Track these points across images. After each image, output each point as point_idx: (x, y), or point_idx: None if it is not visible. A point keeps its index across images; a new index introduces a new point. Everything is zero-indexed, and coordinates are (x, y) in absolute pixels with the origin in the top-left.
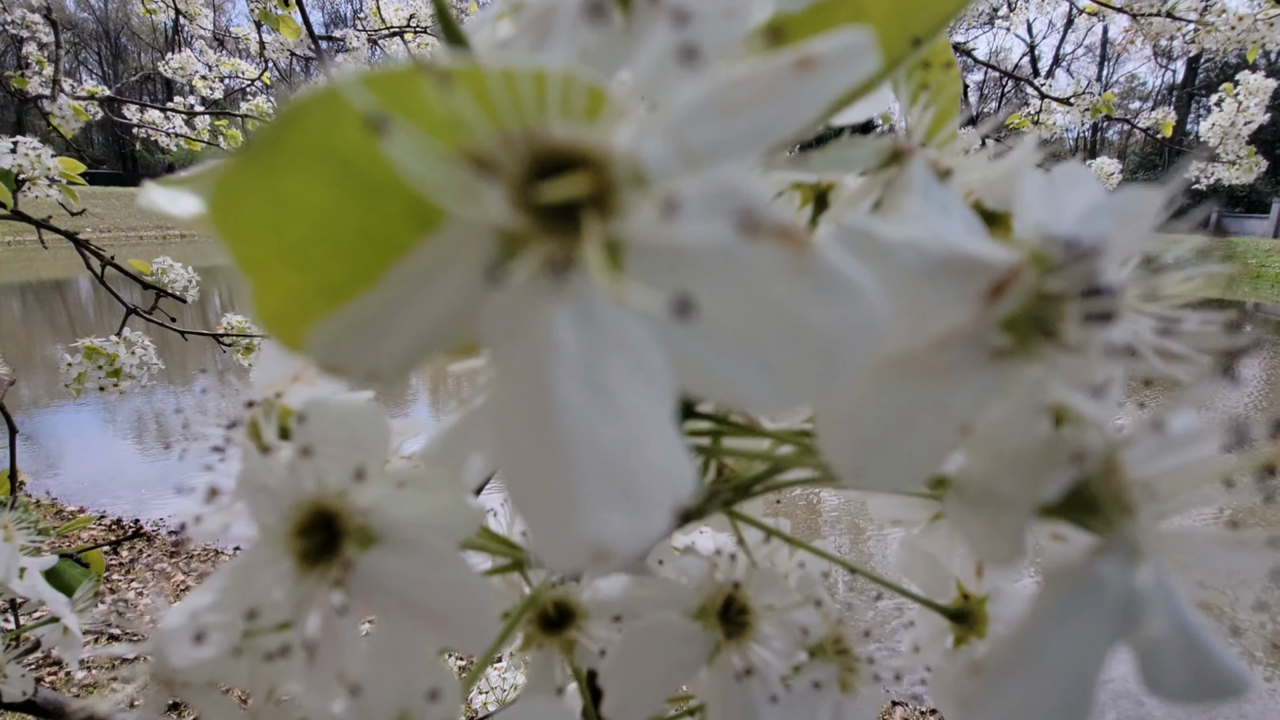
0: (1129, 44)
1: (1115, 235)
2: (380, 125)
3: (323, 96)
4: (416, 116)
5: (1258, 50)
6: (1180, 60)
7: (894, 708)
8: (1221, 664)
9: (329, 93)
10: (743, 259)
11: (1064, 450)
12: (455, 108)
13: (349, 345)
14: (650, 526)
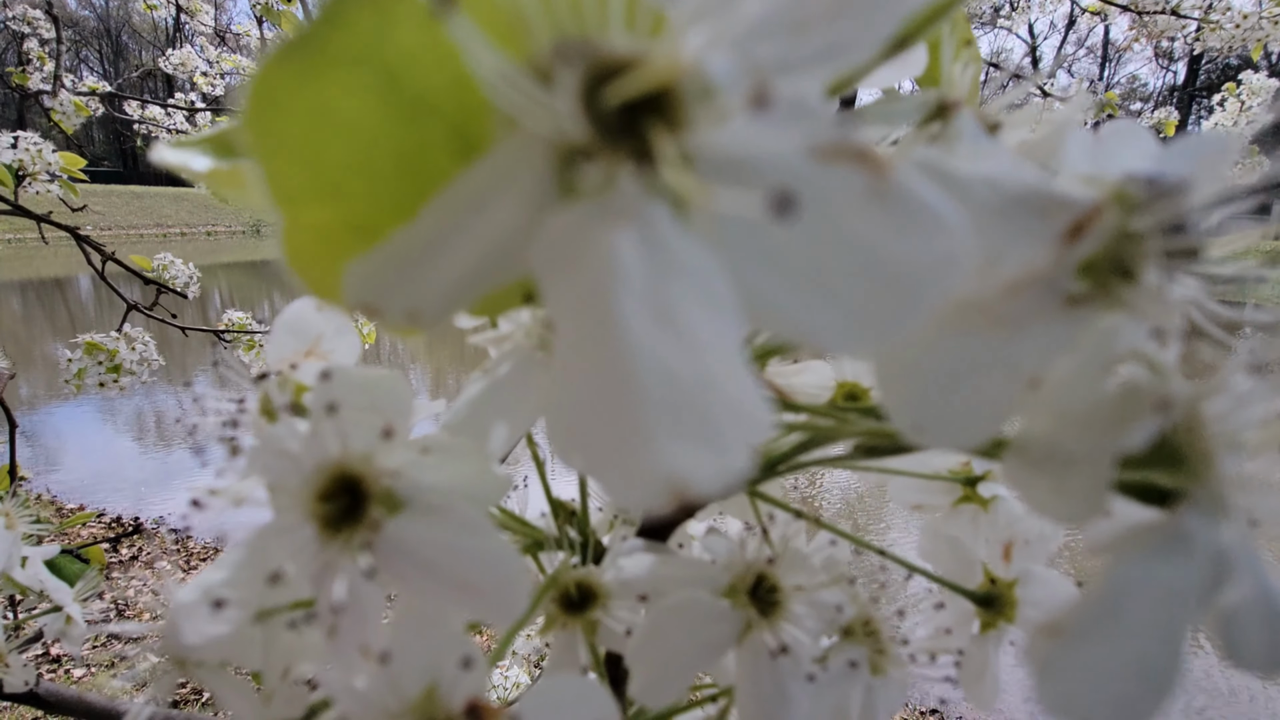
0: (1132, 43)
1: (1198, 175)
2: (445, 7)
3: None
4: (477, 15)
5: (1261, 48)
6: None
7: None
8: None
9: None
10: (817, 183)
11: (1145, 400)
12: (518, 7)
13: (389, 283)
14: (731, 463)
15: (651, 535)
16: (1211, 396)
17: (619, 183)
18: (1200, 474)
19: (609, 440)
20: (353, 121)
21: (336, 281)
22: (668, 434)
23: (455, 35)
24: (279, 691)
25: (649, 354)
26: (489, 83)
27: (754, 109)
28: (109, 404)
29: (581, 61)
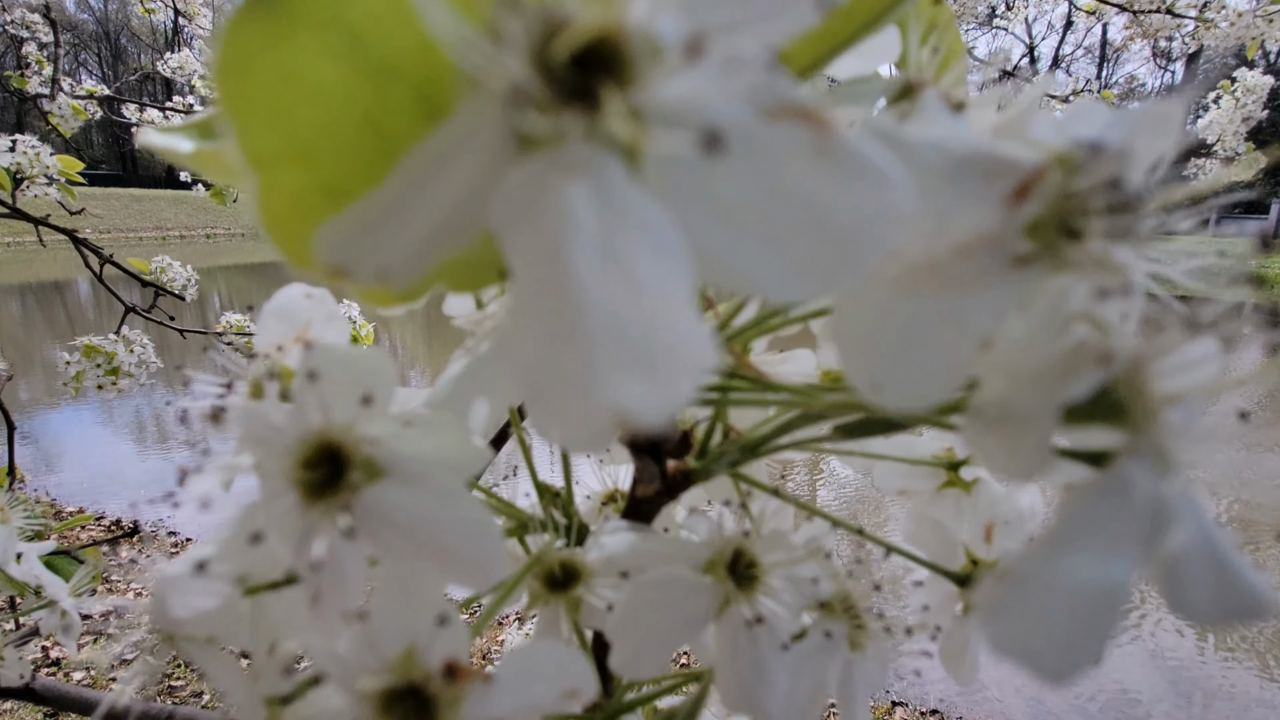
0: (1129, 42)
1: (1138, 140)
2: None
3: None
4: None
5: (1257, 47)
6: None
7: (894, 708)
8: (1247, 583)
9: None
10: (763, 139)
11: (1089, 354)
12: None
13: (357, 243)
14: (672, 395)
15: (636, 517)
16: (1153, 352)
17: (571, 137)
18: (1141, 426)
19: (560, 377)
20: (320, 84)
21: (302, 245)
22: (614, 370)
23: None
24: (267, 667)
25: (598, 298)
26: (447, 43)
27: (690, 59)
28: (108, 406)
29: (533, 21)
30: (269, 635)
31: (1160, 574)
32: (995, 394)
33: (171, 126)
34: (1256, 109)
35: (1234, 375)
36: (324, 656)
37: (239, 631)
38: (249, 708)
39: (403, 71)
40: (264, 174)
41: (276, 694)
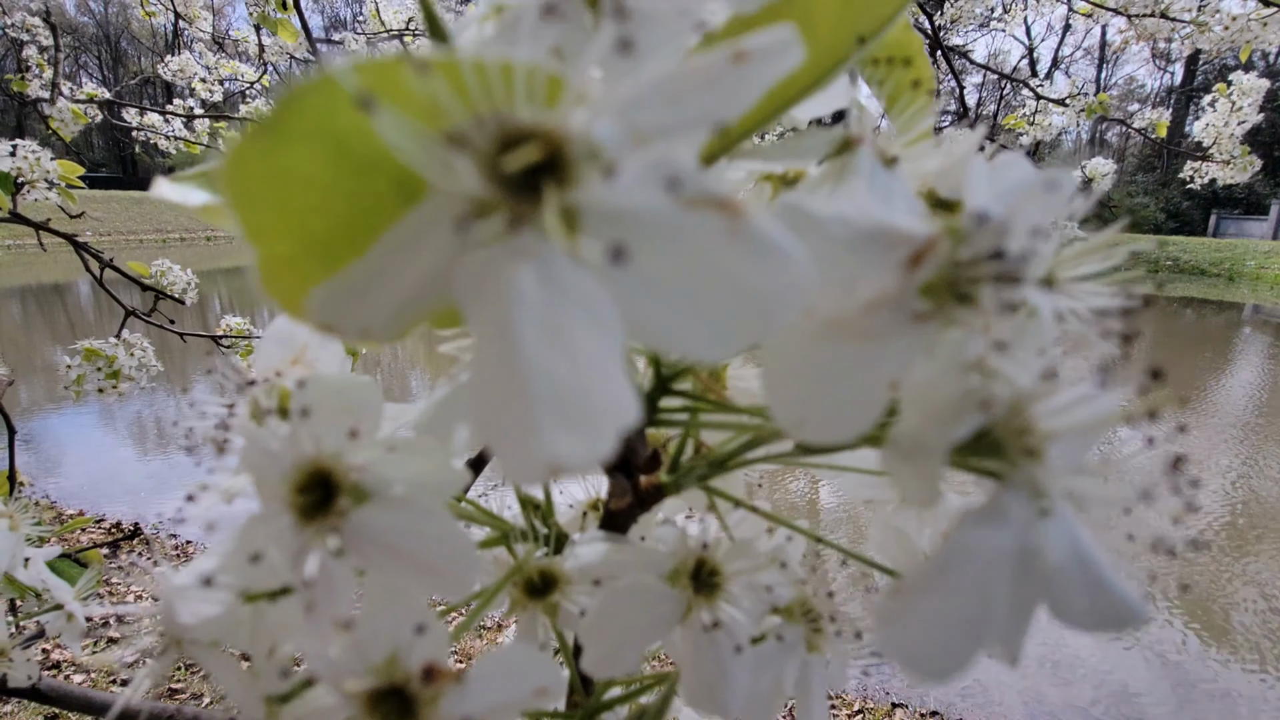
0: (1124, 44)
1: (1022, 210)
2: (368, 104)
3: (320, 83)
4: (401, 100)
5: (1250, 50)
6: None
7: (894, 709)
8: (1120, 596)
9: (325, 79)
10: (684, 225)
11: (973, 399)
12: (433, 92)
13: (343, 306)
14: (597, 447)
15: (611, 528)
16: (1033, 397)
17: (521, 229)
18: (1017, 461)
19: (507, 431)
20: (311, 178)
21: (297, 300)
22: (550, 427)
23: (376, 127)
24: (265, 668)
25: (540, 365)
26: (405, 157)
27: (608, 176)
28: (108, 410)
29: (491, 132)
30: (268, 639)
31: (1043, 588)
32: (907, 429)
33: (182, 176)
34: (1252, 112)
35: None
36: (317, 660)
37: (240, 636)
38: (250, 706)
39: (381, 166)
40: (261, 246)
41: (275, 693)
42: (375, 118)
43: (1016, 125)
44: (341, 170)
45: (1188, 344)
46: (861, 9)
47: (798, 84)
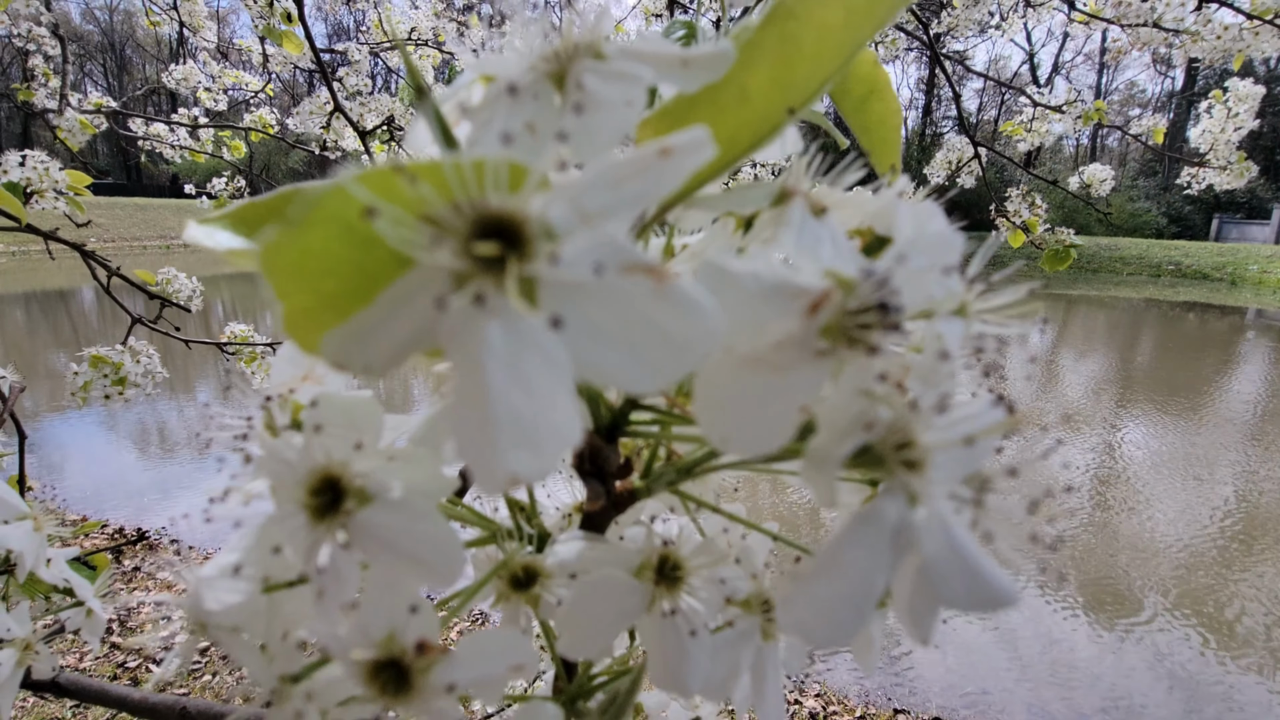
0: (1119, 54)
1: (904, 268)
2: (371, 212)
3: (333, 190)
4: (396, 198)
5: (1243, 59)
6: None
7: (896, 715)
8: (991, 581)
9: (338, 188)
10: (621, 287)
11: (859, 421)
12: (419, 193)
13: (350, 348)
14: (546, 463)
15: (590, 528)
16: (909, 419)
17: (489, 293)
18: (893, 471)
19: (477, 450)
20: (324, 252)
21: (318, 342)
22: (509, 448)
23: (375, 226)
24: (280, 650)
25: (502, 400)
26: (398, 245)
27: (554, 261)
28: (112, 415)
29: (467, 216)
30: (282, 625)
31: (923, 571)
32: (816, 444)
33: (209, 217)
34: (1248, 118)
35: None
36: (327, 637)
37: (257, 623)
38: (266, 684)
39: (379, 241)
40: (286, 302)
41: (288, 673)
42: (376, 220)
43: (1014, 132)
44: (348, 245)
45: (1191, 349)
46: (789, 86)
47: (741, 144)
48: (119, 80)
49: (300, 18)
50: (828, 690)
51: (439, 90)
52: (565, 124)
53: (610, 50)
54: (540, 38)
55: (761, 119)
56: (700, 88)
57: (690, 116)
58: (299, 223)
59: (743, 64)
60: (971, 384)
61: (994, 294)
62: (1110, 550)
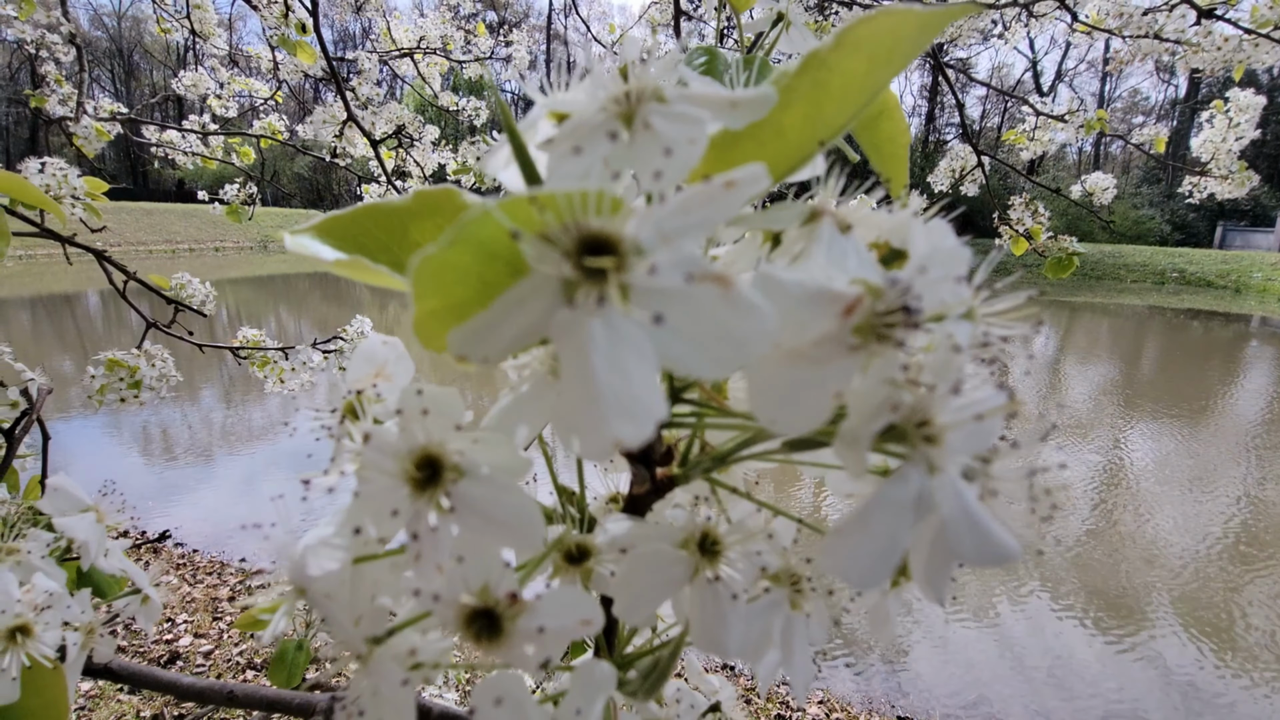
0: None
1: (922, 278)
2: (516, 234)
3: (482, 215)
4: (526, 221)
5: (1243, 69)
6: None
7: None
8: (997, 538)
9: (485, 214)
10: (694, 293)
11: (886, 403)
12: (541, 217)
13: (472, 342)
14: (644, 431)
15: (633, 511)
16: (928, 402)
17: (593, 297)
18: (916, 445)
19: (586, 422)
20: (459, 265)
21: (441, 341)
22: (613, 419)
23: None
24: (367, 614)
25: (605, 382)
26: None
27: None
28: (116, 419)
29: (574, 234)
30: (369, 592)
31: (941, 530)
32: (848, 426)
33: (302, 229)
34: (1249, 128)
35: (997, 407)
36: (426, 592)
37: (344, 590)
38: (355, 644)
39: (501, 255)
40: (419, 304)
41: (373, 635)
42: (519, 240)
43: (1017, 141)
44: (476, 259)
45: (1195, 356)
46: (819, 123)
47: (778, 171)
48: (126, 86)
49: (315, 29)
50: (831, 697)
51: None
52: (639, 157)
53: (672, 95)
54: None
55: (796, 150)
56: (745, 125)
57: (736, 148)
58: (451, 242)
59: (781, 105)
60: (980, 376)
61: (997, 299)
62: (1114, 559)
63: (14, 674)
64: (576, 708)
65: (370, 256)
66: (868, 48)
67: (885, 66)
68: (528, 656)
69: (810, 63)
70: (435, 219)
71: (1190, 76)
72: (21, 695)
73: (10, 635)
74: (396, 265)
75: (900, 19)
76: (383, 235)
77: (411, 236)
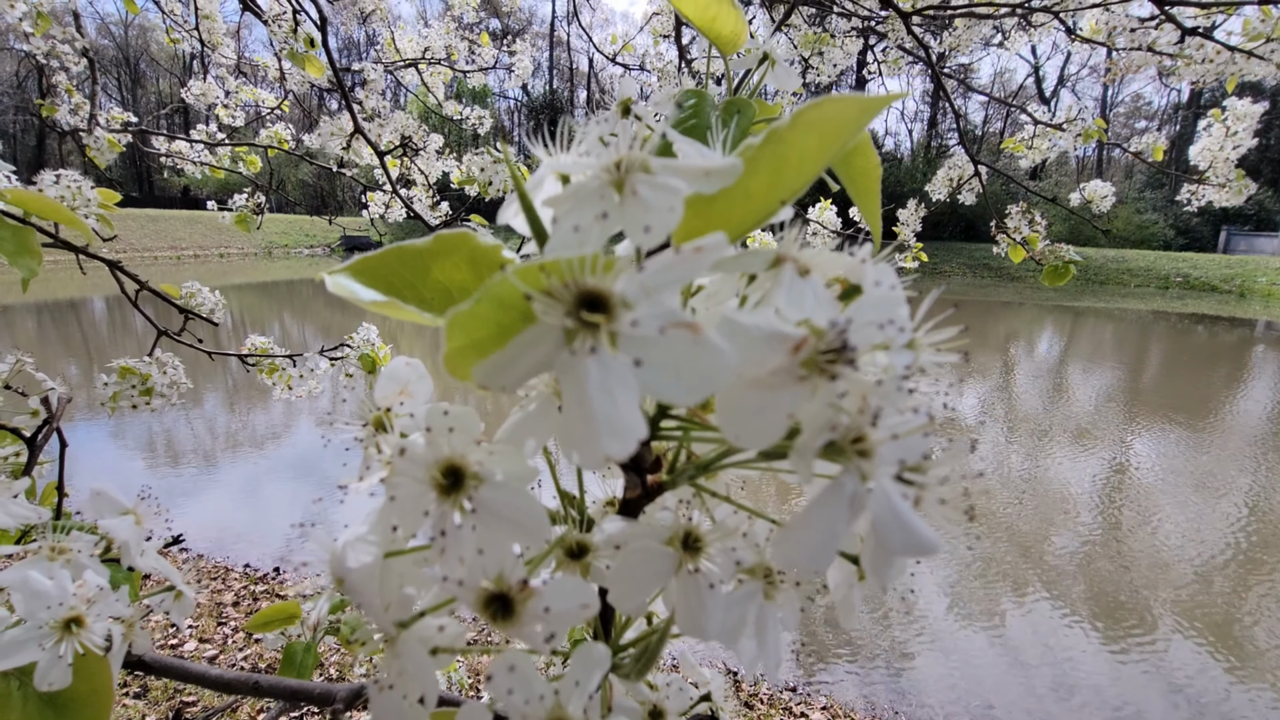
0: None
1: (858, 319)
2: (529, 296)
3: (503, 280)
4: (533, 282)
5: (1236, 81)
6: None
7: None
8: (920, 533)
9: (504, 280)
10: (670, 338)
11: (826, 424)
12: (546, 279)
13: (491, 374)
14: (628, 448)
15: (626, 513)
16: (861, 422)
17: (588, 344)
18: (849, 457)
19: (584, 440)
20: (483, 313)
21: (466, 372)
22: (606, 438)
23: (530, 300)
24: (395, 602)
25: (600, 409)
26: (540, 314)
27: (633, 324)
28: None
29: (573, 290)
30: (397, 583)
31: (872, 528)
32: (799, 441)
33: (335, 270)
34: (1247, 137)
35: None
36: (451, 580)
37: (376, 581)
38: (386, 626)
39: (515, 306)
40: (449, 343)
41: (400, 620)
42: (530, 298)
43: (1016, 149)
44: (495, 308)
45: (1200, 361)
46: (780, 186)
47: (746, 226)
48: (133, 94)
49: (324, 43)
50: (834, 703)
51: (529, 182)
52: (628, 218)
53: (656, 166)
54: (600, 147)
55: (761, 209)
56: (716, 190)
57: (710, 208)
58: (477, 300)
59: (747, 173)
60: (915, 399)
61: (940, 330)
62: (1119, 566)
63: (69, 660)
64: (576, 680)
65: (398, 294)
66: (819, 127)
67: (834, 141)
68: (536, 634)
69: (770, 139)
70: (453, 258)
71: (1190, 84)
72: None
73: (65, 625)
74: (420, 300)
75: (845, 105)
76: (408, 274)
77: (433, 274)
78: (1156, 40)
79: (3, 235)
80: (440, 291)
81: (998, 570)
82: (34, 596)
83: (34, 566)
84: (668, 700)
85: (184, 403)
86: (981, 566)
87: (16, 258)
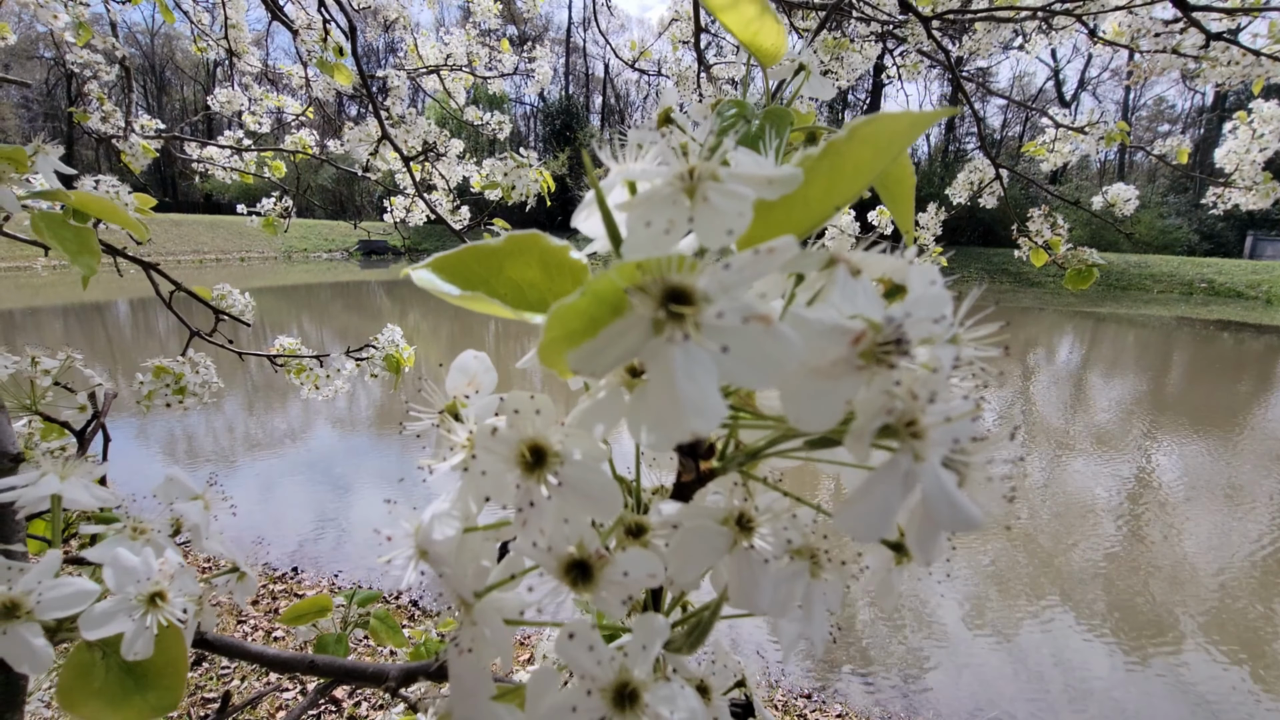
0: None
1: (913, 315)
2: (629, 290)
3: (603, 276)
4: (630, 277)
5: (1262, 84)
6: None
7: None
8: (966, 509)
9: (606, 277)
10: (747, 329)
11: (882, 409)
12: (640, 275)
13: (584, 362)
14: (712, 424)
15: (679, 497)
16: (914, 407)
17: (677, 332)
18: (904, 439)
19: (671, 419)
20: (580, 307)
21: (559, 361)
22: (691, 417)
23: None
24: (472, 572)
25: (685, 392)
26: (633, 306)
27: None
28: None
29: (661, 286)
30: (473, 556)
31: (922, 503)
32: (855, 426)
33: (419, 265)
34: (1274, 139)
35: (965, 412)
36: (540, 547)
37: (452, 557)
38: (464, 596)
39: (607, 299)
40: (546, 334)
41: (477, 589)
42: (629, 293)
43: (1037, 152)
44: (590, 302)
45: (1226, 368)
46: (836, 194)
47: (804, 229)
48: (159, 101)
49: (353, 52)
50: (850, 710)
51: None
52: (701, 224)
53: (724, 175)
54: (673, 156)
55: (818, 214)
56: (778, 197)
57: (772, 214)
58: (584, 293)
59: (806, 182)
60: (966, 385)
61: (979, 327)
62: (1140, 577)
63: (155, 632)
64: (642, 644)
65: (472, 289)
66: (873, 141)
67: (886, 153)
68: (614, 597)
69: (828, 151)
70: (525, 256)
71: (1216, 85)
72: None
73: (150, 600)
74: (493, 294)
75: (897, 121)
76: (482, 270)
77: (506, 271)
78: (1181, 43)
79: (66, 235)
80: (512, 287)
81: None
82: (124, 571)
83: (120, 544)
84: (713, 677)
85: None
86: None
87: (78, 256)
